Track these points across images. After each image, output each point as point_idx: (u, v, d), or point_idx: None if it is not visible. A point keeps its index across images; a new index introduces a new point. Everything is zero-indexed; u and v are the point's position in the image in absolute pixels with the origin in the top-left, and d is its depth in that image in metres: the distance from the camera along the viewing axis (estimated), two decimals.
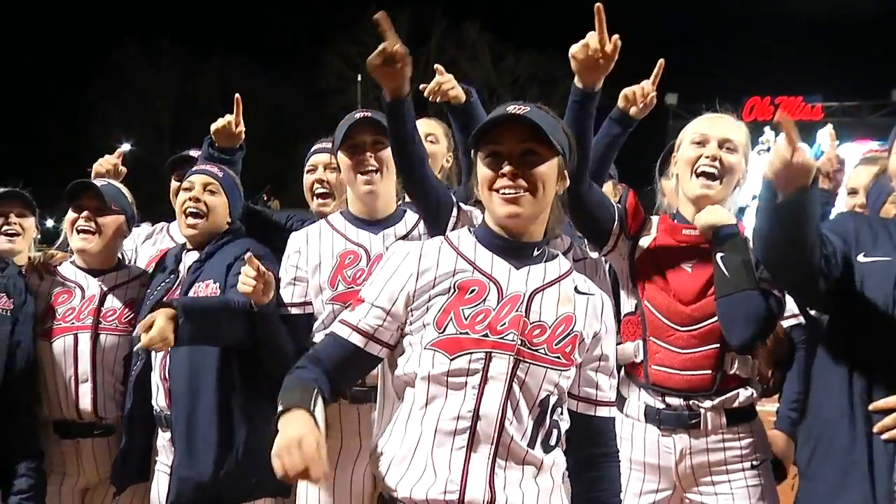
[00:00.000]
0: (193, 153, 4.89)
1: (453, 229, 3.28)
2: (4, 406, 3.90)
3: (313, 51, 52.81)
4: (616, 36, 3.30)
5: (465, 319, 2.58)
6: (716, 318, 3.38)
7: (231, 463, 3.76)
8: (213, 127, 4.32)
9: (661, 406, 3.45)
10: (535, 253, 2.70)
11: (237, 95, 4.31)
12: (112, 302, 4.14)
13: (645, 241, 3.61)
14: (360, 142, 3.44)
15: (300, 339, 3.47)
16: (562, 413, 2.69)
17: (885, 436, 3.01)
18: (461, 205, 3.54)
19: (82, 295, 4.14)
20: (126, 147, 3.82)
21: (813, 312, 3.61)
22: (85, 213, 4.12)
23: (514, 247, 2.68)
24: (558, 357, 2.63)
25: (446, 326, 2.58)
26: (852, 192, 4.34)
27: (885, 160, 3.47)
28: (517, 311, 2.61)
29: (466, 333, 2.57)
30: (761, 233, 3.04)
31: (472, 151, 2.75)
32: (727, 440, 3.45)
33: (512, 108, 2.65)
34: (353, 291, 3.24)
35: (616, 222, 3.58)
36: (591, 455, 2.78)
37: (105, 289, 4.16)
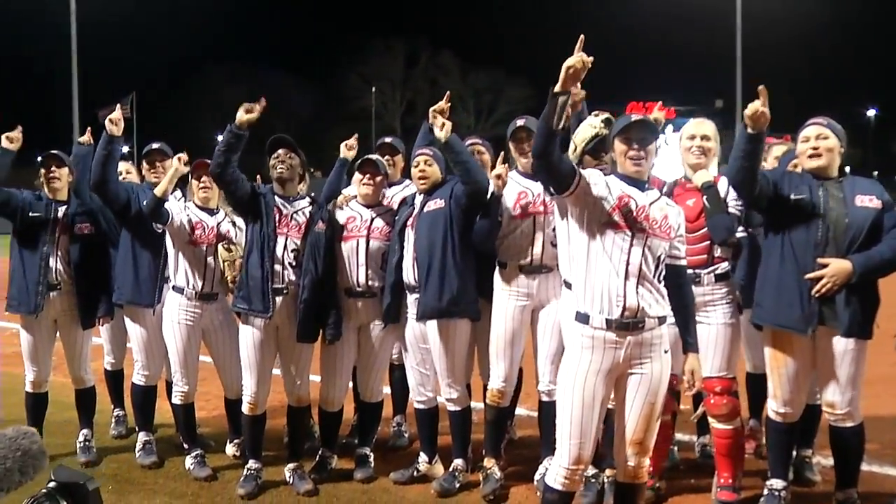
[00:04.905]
0: (387, 139, 5.72)
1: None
2: (325, 280, 4.90)
3: (336, 67, 54.43)
4: None
5: (623, 214, 3.45)
6: (706, 228, 4.46)
7: (450, 293, 4.68)
8: (432, 110, 4.83)
9: None
10: (647, 186, 3.60)
11: (448, 93, 4.96)
12: (377, 222, 5.03)
13: (666, 194, 4.41)
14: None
15: None
16: (665, 262, 3.54)
17: (813, 291, 4.15)
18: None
19: (361, 218, 5.04)
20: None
21: (750, 230, 4.71)
22: (368, 175, 5.06)
23: (637, 183, 3.55)
24: (665, 235, 3.53)
25: (612, 215, 3.44)
26: (776, 158, 5.18)
27: (792, 144, 4.66)
28: (645, 212, 3.48)
29: (623, 220, 3.44)
30: (736, 156, 4.13)
31: (613, 138, 3.59)
32: (714, 290, 4.51)
33: (634, 117, 3.56)
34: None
35: None
36: (676, 284, 3.64)
37: (374, 216, 5.05)
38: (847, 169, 4.38)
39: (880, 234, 4.22)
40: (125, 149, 5.69)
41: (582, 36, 3.26)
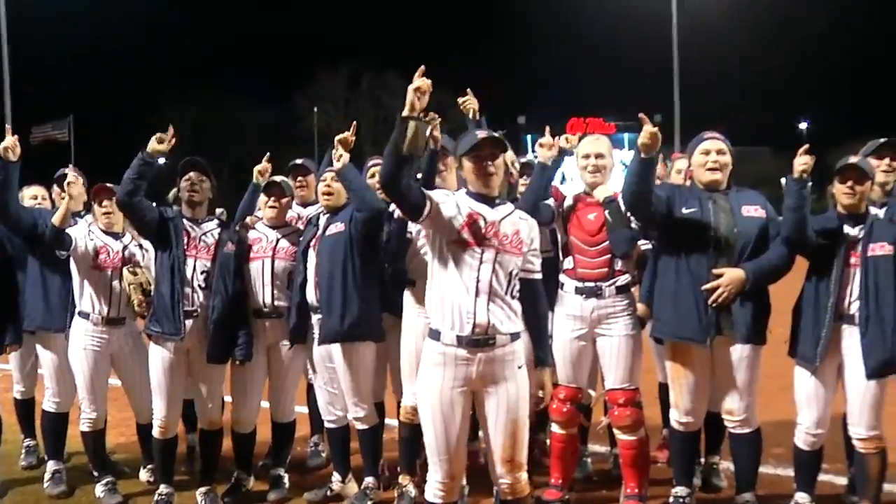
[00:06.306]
0: (298, 161, 5.72)
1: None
2: (233, 299, 4.85)
3: (285, 90, 55.52)
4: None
5: (472, 232, 3.43)
6: (607, 242, 4.55)
7: (351, 317, 4.64)
8: (336, 139, 4.73)
9: (582, 286, 4.58)
10: (497, 202, 3.57)
11: (354, 123, 4.88)
12: (282, 243, 5.03)
13: (567, 207, 4.72)
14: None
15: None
16: (517, 277, 3.52)
17: (710, 301, 4.24)
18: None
19: (266, 239, 5.04)
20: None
21: (653, 242, 4.72)
22: (273, 197, 5.06)
23: (487, 200, 3.53)
24: (515, 250, 3.51)
25: (462, 233, 3.42)
26: (678, 171, 5.29)
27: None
28: (495, 228, 3.48)
29: (473, 239, 3.43)
30: (630, 181, 4.20)
31: (460, 157, 3.56)
32: (616, 302, 4.58)
33: (482, 134, 3.50)
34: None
35: (555, 212, 4.70)
36: (530, 298, 3.62)
37: (279, 237, 5.06)
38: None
39: (767, 243, 4.33)
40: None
41: (423, 66, 3.30)
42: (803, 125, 51.78)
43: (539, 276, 3.71)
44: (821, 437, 4.39)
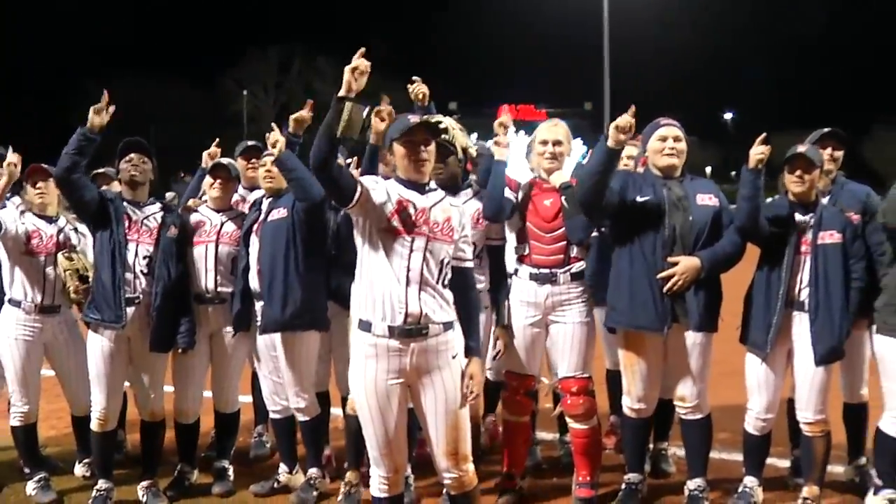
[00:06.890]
0: (250, 143, 5.57)
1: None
2: (176, 285, 4.67)
3: (213, 72, 54.32)
4: None
5: (401, 219, 3.33)
6: (563, 228, 4.49)
7: (293, 306, 4.51)
8: (292, 118, 4.87)
9: (537, 272, 4.52)
10: (427, 188, 3.46)
11: (309, 101, 4.94)
12: (227, 227, 4.88)
13: (523, 194, 4.62)
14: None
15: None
16: (449, 266, 3.44)
17: (665, 289, 4.23)
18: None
19: (210, 223, 4.88)
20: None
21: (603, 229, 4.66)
22: (219, 180, 4.91)
23: (417, 186, 3.43)
24: (447, 238, 3.42)
25: (392, 221, 3.32)
26: (630, 157, 5.14)
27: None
28: (425, 215, 3.38)
29: (402, 226, 3.33)
30: (591, 171, 4.14)
31: (391, 141, 3.44)
32: (570, 289, 4.51)
33: (414, 119, 3.40)
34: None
35: (514, 203, 4.58)
36: (462, 286, 3.52)
37: (224, 220, 4.90)
38: (708, 169, 4.44)
39: (721, 231, 4.35)
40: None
41: (363, 48, 3.21)
42: (728, 115, 53.31)
43: (471, 264, 3.63)
44: (770, 421, 4.46)
